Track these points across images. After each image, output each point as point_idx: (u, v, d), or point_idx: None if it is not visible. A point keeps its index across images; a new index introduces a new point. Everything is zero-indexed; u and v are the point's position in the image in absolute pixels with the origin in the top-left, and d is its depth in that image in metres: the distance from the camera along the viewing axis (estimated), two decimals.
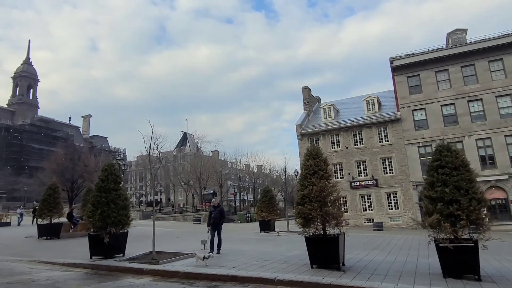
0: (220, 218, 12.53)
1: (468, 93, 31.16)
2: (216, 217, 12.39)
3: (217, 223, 12.40)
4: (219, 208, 12.69)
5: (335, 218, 9.68)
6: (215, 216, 12.40)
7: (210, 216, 12.59)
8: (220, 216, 12.51)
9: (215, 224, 12.36)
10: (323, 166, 10.01)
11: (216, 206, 12.69)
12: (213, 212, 12.51)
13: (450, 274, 8.25)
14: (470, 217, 7.97)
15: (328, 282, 7.78)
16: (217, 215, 12.42)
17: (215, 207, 12.65)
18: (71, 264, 10.80)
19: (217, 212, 12.46)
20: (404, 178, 32.03)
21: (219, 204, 13.07)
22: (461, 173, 8.44)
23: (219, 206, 12.89)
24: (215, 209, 12.53)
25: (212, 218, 12.42)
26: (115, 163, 13.15)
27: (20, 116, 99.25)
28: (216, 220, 12.38)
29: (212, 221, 12.38)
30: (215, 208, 12.56)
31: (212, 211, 12.56)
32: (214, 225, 12.35)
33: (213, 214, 12.46)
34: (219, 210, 12.57)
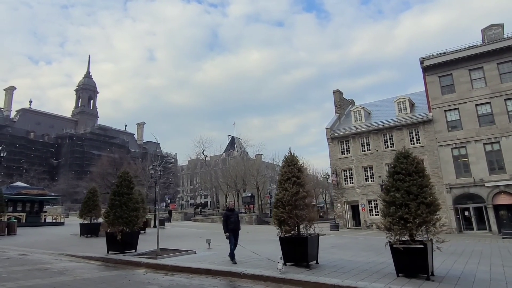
0: (238, 222, 11.52)
1: (505, 91, 29.58)
2: (235, 222, 11.29)
3: (237, 228, 11.36)
4: (236, 212, 11.82)
5: (307, 221, 10.61)
6: (234, 221, 11.26)
7: (227, 220, 11.17)
8: (238, 220, 11.51)
9: (235, 229, 11.24)
10: (296, 172, 10.90)
11: (232, 209, 11.69)
12: (231, 216, 11.28)
13: (402, 273, 8.85)
14: (418, 220, 8.53)
15: (294, 278, 8.75)
16: (236, 219, 11.35)
17: (232, 210, 11.59)
18: (89, 257, 12.77)
19: (235, 216, 11.48)
20: (436, 181, 30.97)
21: (234, 207, 12.24)
22: (414, 178, 8.99)
23: (235, 209, 12.04)
24: (232, 213, 11.45)
25: (231, 222, 11.17)
26: (128, 172, 14.86)
27: (82, 125, 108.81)
28: (236, 224, 11.32)
29: (231, 226, 11.14)
30: (232, 212, 11.52)
31: (230, 215, 11.31)
32: (234, 231, 11.21)
33: (232, 218, 11.24)
34: (236, 214, 11.69)
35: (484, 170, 29.27)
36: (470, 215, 30.49)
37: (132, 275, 9.67)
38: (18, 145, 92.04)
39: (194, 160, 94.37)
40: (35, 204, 30.82)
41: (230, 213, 11.33)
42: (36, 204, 30.94)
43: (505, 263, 11.33)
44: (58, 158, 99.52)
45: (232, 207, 11.75)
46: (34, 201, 30.66)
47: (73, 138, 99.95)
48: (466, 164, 30.27)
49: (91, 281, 8.70)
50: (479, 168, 29.49)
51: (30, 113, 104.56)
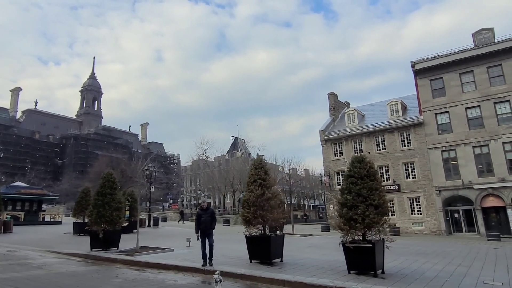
0: (211, 222, 10.86)
1: (494, 95, 29.92)
2: (206, 222, 10.71)
3: (208, 228, 10.75)
4: (210, 210, 11.10)
5: (271, 221, 11.25)
6: (205, 220, 10.71)
7: (198, 220, 10.79)
8: (211, 220, 10.85)
9: (205, 229, 10.70)
10: (263, 175, 11.53)
11: (206, 208, 11.09)
12: (202, 216, 10.78)
13: (354, 270, 9.44)
14: (365, 221, 9.12)
15: (250, 274, 9.40)
16: (207, 219, 10.75)
17: (204, 209, 11.01)
18: (72, 254, 13.51)
19: (208, 215, 10.84)
20: (427, 183, 31.54)
21: (208, 206, 11.49)
22: (365, 182, 9.58)
23: (209, 208, 11.29)
24: (205, 212, 10.89)
25: (202, 222, 10.70)
26: (112, 173, 15.59)
27: (86, 126, 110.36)
28: (207, 225, 10.72)
29: (202, 226, 10.68)
30: (205, 211, 10.93)
31: (202, 214, 10.84)
32: (204, 231, 10.68)
33: (203, 218, 10.74)
34: (209, 213, 10.96)
35: (473, 173, 29.63)
36: (460, 217, 30.87)
37: (105, 270, 10.37)
38: (23, 145, 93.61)
39: (197, 161, 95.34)
40: (33, 204, 31.76)
41: (202, 213, 10.88)
42: (34, 204, 31.88)
43: (463, 262, 11.83)
44: (63, 158, 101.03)
45: (205, 207, 11.15)
46: (32, 201, 31.61)
47: (77, 139, 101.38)
48: (455, 166, 30.64)
49: (63, 274, 9.42)
50: (468, 170, 29.85)
51: (35, 113, 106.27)
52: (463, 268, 10.68)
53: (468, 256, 13.74)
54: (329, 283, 8.18)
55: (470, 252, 15.29)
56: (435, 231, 30.40)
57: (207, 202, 11.94)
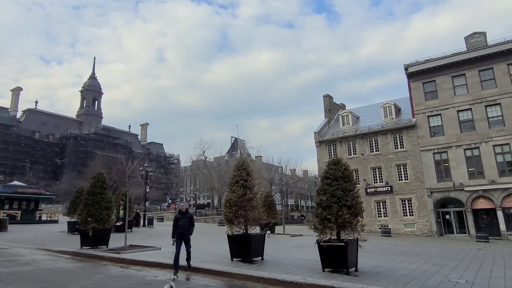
0: (189, 227, 10.22)
1: (485, 98, 30.29)
2: (184, 226, 10.01)
3: (185, 233, 10.08)
4: (188, 214, 10.40)
5: (253, 220, 11.64)
6: (183, 225, 10.01)
7: (176, 224, 10.08)
8: (189, 224, 10.19)
9: (182, 234, 10.00)
10: (245, 176, 11.91)
11: (184, 212, 10.37)
12: (180, 220, 10.09)
13: (328, 268, 9.81)
14: (338, 221, 9.50)
15: (228, 271, 9.79)
16: (185, 223, 10.06)
17: (183, 213, 10.31)
18: (61, 251, 13.91)
19: (186, 219, 10.15)
20: (418, 185, 31.90)
21: (187, 209, 10.71)
22: (339, 183, 9.96)
23: (188, 212, 10.58)
24: (183, 216, 10.21)
25: (179, 226, 9.99)
26: (102, 174, 16.00)
27: (86, 125, 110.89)
28: (184, 229, 10.02)
29: (179, 231, 9.95)
30: (184, 215, 10.26)
31: (179, 218, 10.16)
32: (181, 236, 9.99)
33: (180, 222, 10.03)
34: (188, 217, 10.26)
35: (464, 175, 29.99)
36: (451, 219, 31.23)
37: (90, 267, 10.77)
38: (23, 145, 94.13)
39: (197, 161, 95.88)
40: (30, 203, 32.19)
41: (180, 216, 10.19)
42: (31, 203, 32.32)
43: (439, 262, 12.19)
44: (62, 158, 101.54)
45: (184, 210, 10.44)
46: (29, 200, 32.04)
47: (77, 139, 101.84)
48: (447, 169, 31.00)
49: (49, 270, 9.81)
50: (459, 173, 30.21)
51: (35, 113, 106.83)
52: (437, 267, 11.04)
53: (447, 256, 14.10)
54: (300, 279, 8.56)
55: (451, 252, 15.66)
56: (427, 232, 30.76)
57: (186, 206, 10.91)
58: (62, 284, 8.06)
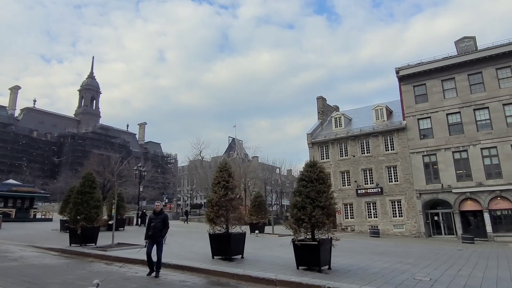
0: (163, 229, 9.56)
1: (474, 102, 30.80)
2: (157, 227, 9.42)
3: (158, 235, 9.46)
4: (163, 215, 9.72)
5: (234, 220, 12.09)
6: (155, 226, 9.43)
7: (149, 225, 9.60)
8: (162, 225, 9.54)
9: (155, 236, 9.41)
10: (226, 177, 12.35)
11: (159, 212, 9.73)
12: (153, 220, 9.54)
13: (302, 266, 10.25)
14: (311, 221, 9.95)
15: (205, 267, 10.24)
16: (158, 224, 9.45)
17: (156, 213, 9.70)
18: (50, 249, 14.35)
19: (159, 220, 9.53)
20: (408, 187, 32.39)
21: (162, 210, 9.97)
22: (314, 185, 10.41)
23: (163, 212, 9.87)
24: (156, 217, 9.61)
25: (152, 228, 9.43)
26: (92, 173, 16.43)
27: (84, 124, 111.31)
28: (157, 231, 9.42)
29: (151, 232, 9.41)
30: (157, 215, 9.65)
31: (153, 218, 9.60)
32: (154, 238, 9.40)
33: (153, 223, 9.48)
34: (162, 218, 9.62)
35: (452, 177, 30.49)
36: (439, 220, 31.73)
37: (75, 263, 11.21)
38: (21, 143, 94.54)
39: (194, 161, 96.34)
40: (25, 201, 32.60)
41: (153, 217, 9.64)
42: (26, 201, 32.73)
43: (413, 262, 12.64)
44: (60, 157, 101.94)
45: (158, 210, 9.77)
46: (24, 198, 32.46)
47: (74, 137, 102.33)
48: (436, 171, 31.50)
49: (34, 266, 10.25)
50: (447, 175, 30.71)
51: (34, 112, 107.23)
52: (409, 266, 11.50)
53: (424, 256, 14.56)
54: (272, 276, 9.00)
55: (430, 253, 16.13)
56: (415, 233, 31.24)
57: (160, 205, 10.00)
58: (43, 279, 8.49)
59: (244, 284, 8.77)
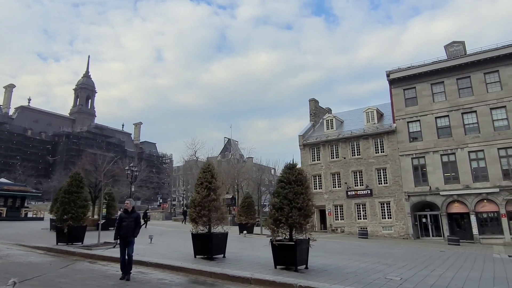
0: (134, 228, 9.06)
1: (462, 105, 31.27)
2: (128, 227, 8.92)
3: (129, 235, 8.94)
4: (134, 214, 9.22)
5: (216, 220, 12.37)
6: (127, 225, 8.92)
7: (119, 224, 9.05)
8: (134, 225, 9.05)
9: (125, 236, 8.93)
10: (209, 178, 12.63)
11: (131, 211, 9.20)
12: (125, 220, 9.01)
13: (280, 265, 10.55)
14: (289, 221, 10.25)
15: (184, 266, 10.52)
16: (130, 224, 8.96)
17: (128, 212, 9.18)
18: (37, 247, 14.55)
19: (131, 220, 9.04)
20: (397, 189, 32.80)
21: (133, 208, 9.41)
22: (292, 187, 10.70)
23: (134, 211, 9.35)
24: (128, 216, 9.09)
25: (123, 227, 8.94)
26: (79, 173, 16.65)
27: (79, 124, 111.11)
28: (128, 230, 8.92)
29: (122, 232, 8.93)
30: (129, 214, 9.13)
31: (124, 218, 9.07)
32: (124, 238, 8.93)
33: (124, 222, 8.96)
34: (134, 217, 9.12)
35: (440, 180, 30.91)
36: (427, 222, 32.14)
37: (59, 262, 11.44)
38: (15, 142, 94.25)
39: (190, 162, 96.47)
40: (16, 200, 32.71)
41: (125, 216, 9.13)
42: (18, 200, 32.83)
43: (390, 262, 12.98)
44: (54, 156, 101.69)
45: (129, 208, 9.23)
46: (15, 197, 32.56)
47: (69, 137, 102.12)
48: (424, 173, 31.92)
49: (18, 264, 10.48)
50: (435, 177, 31.13)
51: (28, 110, 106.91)
52: (385, 266, 11.83)
53: (404, 257, 14.91)
54: (248, 275, 9.30)
55: (411, 254, 16.49)
56: (403, 235, 31.64)
57: (132, 203, 9.40)
58: (25, 276, 8.72)
59: (220, 282, 9.06)
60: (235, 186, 55.38)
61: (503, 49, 30.33)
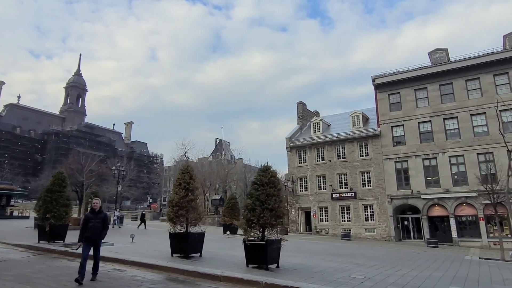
0: (102, 230, 8.68)
1: (444, 111, 32.09)
2: (95, 228, 8.49)
3: (96, 237, 8.55)
4: (102, 215, 8.82)
5: (195, 219, 12.77)
6: (94, 226, 8.48)
7: (85, 225, 8.51)
8: (102, 226, 8.66)
9: (92, 238, 8.47)
10: (188, 179, 13.02)
11: (98, 211, 8.76)
12: (91, 220, 8.53)
13: (251, 264, 10.98)
14: (260, 222, 10.69)
15: (159, 264, 10.90)
16: (98, 225, 8.55)
17: (95, 212, 8.73)
18: (18, 245, 14.77)
19: (99, 220, 8.61)
20: (380, 192, 33.48)
21: (101, 208, 9.01)
22: (265, 188, 11.15)
23: (102, 212, 8.94)
24: (95, 216, 8.62)
25: (89, 228, 8.45)
26: (62, 172, 16.91)
27: (69, 122, 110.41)
28: (95, 232, 8.49)
29: (88, 234, 8.41)
30: (96, 215, 8.67)
31: (91, 218, 8.58)
32: (91, 240, 8.47)
33: (91, 223, 8.48)
34: (101, 217, 8.72)
35: (421, 184, 31.66)
36: (409, 225, 32.86)
37: (38, 259, 11.73)
38: (3, 140, 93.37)
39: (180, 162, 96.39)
40: (2, 198, 32.66)
41: (91, 216, 8.64)
42: (3, 198, 32.78)
43: (361, 262, 13.49)
44: (43, 154, 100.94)
45: (97, 208, 8.78)
46: (1, 195, 32.50)
47: (59, 135, 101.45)
48: (407, 177, 32.64)
49: None
50: (417, 181, 31.88)
51: (17, 108, 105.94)
52: (354, 266, 12.33)
53: (376, 258, 15.44)
54: (218, 273, 9.70)
55: (385, 255, 17.04)
56: (386, 237, 32.31)
57: (99, 203, 8.94)
58: (1, 272, 9.04)
59: (191, 279, 9.44)
60: (224, 187, 55.72)
61: (484, 57, 31.24)
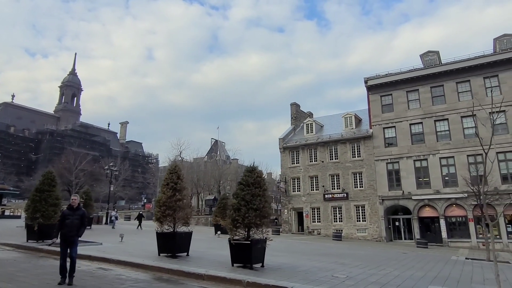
0: (79, 227, 8.30)
1: (435, 113, 32.39)
2: (72, 225, 8.12)
3: (74, 235, 8.15)
4: (80, 212, 8.43)
5: (182, 219, 12.87)
6: (71, 223, 8.11)
7: (62, 221, 8.19)
8: (79, 224, 8.27)
9: (68, 235, 8.08)
10: (175, 179, 13.13)
11: (76, 208, 8.39)
12: (68, 217, 8.16)
13: (236, 263, 11.10)
14: (245, 222, 10.83)
15: (146, 263, 10.99)
16: (75, 221, 8.16)
17: (73, 209, 8.34)
18: (6, 244, 14.82)
19: (76, 217, 8.23)
20: (371, 193, 33.72)
21: (79, 205, 8.62)
22: (250, 189, 11.29)
23: (80, 208, 8.55)
24: (73, 213, 8.25)
25: (66, 225, 8.10)
26: (52, 172, 16.97)
27: (64, 122, 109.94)
28: (72, 229, 8.12)
29: (65, 231, 8.10)
30: (74, 211, 8.29)
31: (68, 214, 8.21)
32: (67, 238, 8.08)
33: (68, 220, 8.12)
34: (79, 214, 8.33)
35: (412, 185, 31.93)
36: (400, 226, 33.13)
37: (25, 258, 11.80)
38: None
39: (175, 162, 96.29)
40: None
41: (68, 213, 8.28)
42: None
43: (347, 262, 13.66)
44: (37, 154, 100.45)
45: (75, 205, 8.42)
46: None
47: (53, 134, 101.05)
48: (398, 178, 32.90)
49: None
50: (408, 182, 32.14)
51: (11, 107, 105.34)
52: (339, 265, 12.50)
53: (363, 258, 15.62)
54: (203, 271, 9.81)
55: (372, 255, 17.23)
56: (377, 237, 32.54)
57: (78, 200, 8.59)
58: None
59: (175, 278, 9.56)
60: (218, 187, 55.81)
61: (475, 60, 31.58)
